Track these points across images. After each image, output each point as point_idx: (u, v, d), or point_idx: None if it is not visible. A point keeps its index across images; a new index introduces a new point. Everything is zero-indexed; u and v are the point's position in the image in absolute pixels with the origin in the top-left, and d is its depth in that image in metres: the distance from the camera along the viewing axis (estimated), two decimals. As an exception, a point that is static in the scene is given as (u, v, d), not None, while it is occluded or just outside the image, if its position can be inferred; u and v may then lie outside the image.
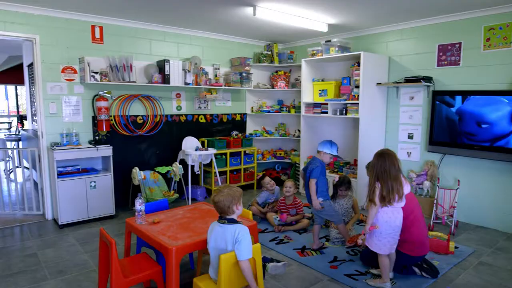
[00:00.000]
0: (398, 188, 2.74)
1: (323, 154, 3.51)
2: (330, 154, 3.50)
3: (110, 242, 2.24)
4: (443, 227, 4.16)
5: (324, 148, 3.51)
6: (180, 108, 5.42)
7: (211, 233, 2.31)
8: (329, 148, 3.50)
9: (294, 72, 6.25)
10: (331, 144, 3.52)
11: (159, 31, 5.06)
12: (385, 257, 2.83)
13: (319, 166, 3.45)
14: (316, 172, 3.43)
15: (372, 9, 4.13)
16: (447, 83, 4.42)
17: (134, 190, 4.81)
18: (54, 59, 4.28)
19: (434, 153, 4.56)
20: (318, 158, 3.53)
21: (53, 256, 3.41)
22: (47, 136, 4.32)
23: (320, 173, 3.45)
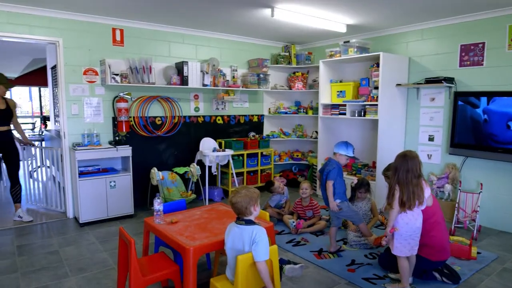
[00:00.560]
0: (419, 193, 2.68)
1: (339, 156, 3.48)
2: (346, 155, 3.46)
3: (129, 241, 2.27)
4: (465, 232, 4.06)
5: (339, 150, 3.47)
6: (198, 109, 5.46)
7: (228, 234, 2.31)
8: (345, 150, 3.46)
9: (312, 73, 6.21)
10: (346, 145, 3.48)
11: (177, 33, 5.12)
12: (405, 260, 2.77)
13: (336, 167, 3.41)
14: (332, 173, 3.39)
15: (392, 9, 4.07)
16: (470, 84, 4.31)
17: (152, 190, 4.88)
18: (76, 62, 4.39)
19: (455, 156, 4.45)
20: (334, 160, 3.49)
21: (74, 253, 3.49)
22: (69, 137, 4.42)
23: (337, 175, 3.41)
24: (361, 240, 3.64)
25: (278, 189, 4.53)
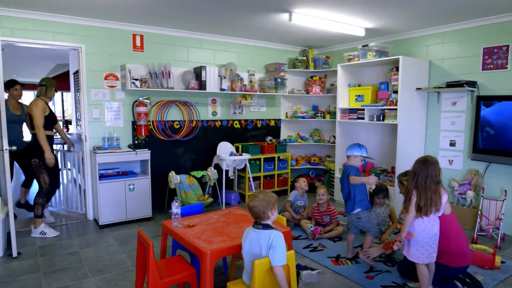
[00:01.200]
0: (436, 200, 2.63)
1: (354, 158, 3.38)
2: (360, 156, 3.37)
3: (148, 243, 2.30)
4: (488, 240, 3.93)
5: (353, 152, 3.38)
6: (215, 113, 5.50)
7: (245, 238, 2.31)
8: (359, 150, 3.37)
9: (330, 77, 6.18)
10: (359, 146, 3.40)
11: (196, 39, 5.18)
12: (424, 267, 2.71)
13: (353, 168, 3.36)
14: (353, 172, 3.34)
15: (412, 13, 4.02)
16: (493, 88, 4.20)
17: (170, 194, 4.93)
18: (98, 67, 4.49)
19: (478, 162, 4.33)
20: (348, 164, 3.43)
21: (94, 255, 3.55)
22: (90, 140, 4.52)
23: (356, 174, 3.35)
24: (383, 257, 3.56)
25: (303, 183, 4.50)
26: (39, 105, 3.96)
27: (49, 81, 4.17)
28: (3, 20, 3.92)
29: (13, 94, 4.40)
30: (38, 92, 4.12)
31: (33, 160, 3.99)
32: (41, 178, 4.00)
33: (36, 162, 3.99)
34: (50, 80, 4.20)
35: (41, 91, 4.09)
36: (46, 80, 4.15)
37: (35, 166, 3.99)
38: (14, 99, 4.42)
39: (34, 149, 3.98)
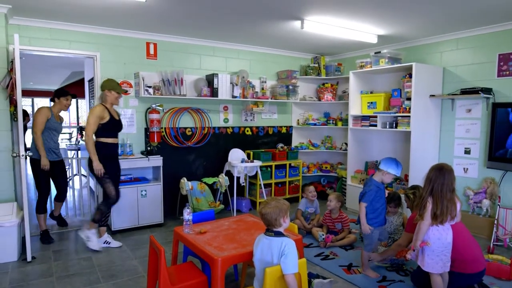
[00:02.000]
0: (452, 208, 2.60)
1: (386, 174, 3.12)
2: (394, 175, 3.13)
3: (159, 249, 2.31)
4: (505, 250, 3.84)
5: (389, 168, 3.10)
6: (227, 120, 5.53)
7: (257, 245, 2.30)
8: (395, 169, 3.10)
9: (341, 84, 6.16)
10: (397, 164, 3.13)
11: (208, 46, 5.23)
12: (438, 276, 2.67)
13: (373, 189, 3.14)
14: (368, 196, 3.14)
15: (425, 19, 3.99)
16: (509, 95, 4.13)
17: (181, 200, 4.95)
18: (112, 74, 4.57)
19: (494, 170, 4.24)
20: (374, 179, 3.19)
21: (106, 260, 3.58)
22: (103, 146, 4.58)
23: (373, 198, 3.15)
24: (391, 256, 3.52)
25: (309, 192, 4.47)
26: (95, 111, 3.70)
27: (107, 83, 3.84)
28: (22, 29, 4.03)
29: (62, 104, 4.23)
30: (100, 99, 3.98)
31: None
32: (106, 188, 3.81)
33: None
34: (107, 81, 3.86)
35: (101, 96, 3.91)
36: (104, 82, 3.86)
37: (99, 176, 3.79)
38: (61, 109, 4.27)
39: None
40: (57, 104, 4.22)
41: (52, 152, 4.16)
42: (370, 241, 3.25)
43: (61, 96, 4.23)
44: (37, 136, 3.96)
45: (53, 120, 4.11)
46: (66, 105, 4.28)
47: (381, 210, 3.23)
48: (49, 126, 4.09)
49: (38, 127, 3.99)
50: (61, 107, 4.26)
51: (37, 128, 3.98)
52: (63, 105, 4.26)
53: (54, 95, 4.24)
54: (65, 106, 4.28)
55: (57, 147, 4.28)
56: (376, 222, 3.21)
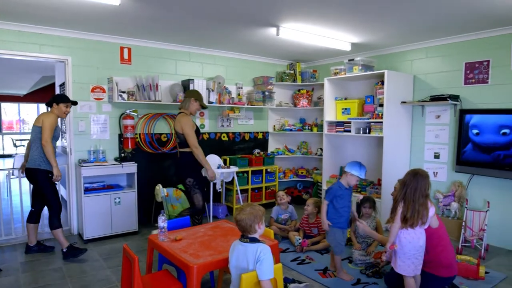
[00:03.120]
0: (423, 213, 2.67)
1: (350, 176, 3.25)
2: (357, 177, 3.25)
3: (133, 258, 2.26)
4: (472, 251, 3.99)
5: (352, 170, 3.24)
6: (203, 126, 5.50)
7: (232, 251, 2.29)
8: (358, 171, 3.23)
9: (317, 90, 6.26)
10: (360, 166, 3.26)
11: (184, 52, 5.21)
12: (411, 279, 2.73)
13: (334, 187, 3.29)
14: (328, 194, 3.28)
15: (397, 28, 4.13)
16: (475, 102, 4.31)
17: (157, 207, 4.87)
18: (84, 79, 4.47)
19: (462, 174, 4.41)
20: (340, 181, 3.32)
21: (78, 271, 3.47)
22: (75, 153, 4.46)
23: (333, 196, 3.26)
24: (366, 259, 3.59)
25: (278, 197, 4.53)
26: (189, 122, 3.81)
27: (195, 92, 3.97)
28: (-12, 31, 3.89)
29: (61, 110, 3.78)
30: (181, 104, 4.00)
31: (188, 180, 3.87)
32: (194, 198, 3.88)
33: (191, 182, 3.87)
34: (196, 91, 4.00)
35: (184, 103, 3.95)
36: (188, 92, 4.01)
37: (190, 185, 3.87)
38: (59, 116, 3.80)
39: (187, 168, 3.90)
40: (55, 110, 3.77)
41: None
42: (336, 243, 3.30)
43: (61, 102, 3.77)
44: (49, 144, 3.59)
45: (58, 128, 3.80)
46: (65, 112, 3.82)
47: (343, 212, 3.28)
48: (55, 135, 3.72)
49: (49, 135, 3.61)
50: (60, 114, 3.78)
51: (48, 136, 3.59)
52: (62, 112, 3.79)
53: (52, 100, 3.79)
54: (64, 114, 3.82)
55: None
56: (338, 223, 3.28)
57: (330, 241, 3.36)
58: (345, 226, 3.34)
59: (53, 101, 3.79)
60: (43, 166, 3.66)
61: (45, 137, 3.60)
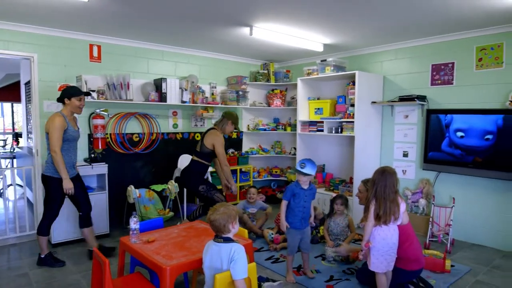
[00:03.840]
0: (394, 209, 2.74)
1: (299, 173, 3.18)
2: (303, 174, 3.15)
3: (103, 261, 2.20)
4: (439, 245, 4.14)
5: (297, 167, 3.21)
6: (176, 126, 5.43)
7: (206, 252, 2.28)
8: (298, 168, 3.18)
9: (290, 90, 6.32)
10: (301, 162, 3.18)
11: (156, 50, 5.12)
12: (383, 275, 2.81)
13: (289, 187, 3.26)
14: (285, 193, 3.26)
15: (366, 30, 4.23)
16: (441, 102, 4.49)
17: (129, 209, 4.77)
18: (51, 77, 4.31)
19: (429, 171, 4.58)
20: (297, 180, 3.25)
21: (45, 276, 3.35)
22: (42, 154, 4.30)
23: (291, 195, 3.22)
24: (339, 256, 3.66)
25: (248, 194, 4.60)
26: (221, 139, 4.05)
27: (230, 115, 4.17)
28: None
29: (74, 105, 3.48)
30: (217, 122, 4.22)
31: (201, 187, 4.01)
32: (216, 198, 3.97)
33: (204, 188, 4.02)
34: (231, 114, 4.19)
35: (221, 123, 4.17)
36: (227, 113, 4.19)
37: (205, 191, 4.01)
38: (74, 111, 3.55)
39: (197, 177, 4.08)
40: (68, 106, 3.48)
41: (73, 167, 3.59)
42: (289, 243, 3.32)
43: (72, 96, 3.46)
44: (57, 155, 3.30)
45: (71, 130, 3.44)
46: (79, 106, 3.52)
47: (298, 212, 3.23)
48: (68, 137, 3.42)
49: (56, 143, 3.30)
50: (74, 109, 3.51)
51: (55, 144, 3.29)
52: (76, 106, 3.50)
53: (62, 94, 3.48)
54: (78, 108, 3.53)
55: (76, 160, 3.70)
56: (292, 223, 3.26)
57: (288, 242, 3.35)
58: (299, 227, 3.26)
59: (64, 96, 3.48)
60: (52, 172, 3.42)
61: (52, 146, 3.31)
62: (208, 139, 4.04)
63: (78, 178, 3.71)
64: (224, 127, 4.15)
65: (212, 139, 4.02)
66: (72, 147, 3.53)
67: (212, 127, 4.19)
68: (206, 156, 4.08)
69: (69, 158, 3.49)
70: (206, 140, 4.04)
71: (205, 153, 4.06)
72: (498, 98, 4.01)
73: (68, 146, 3.47)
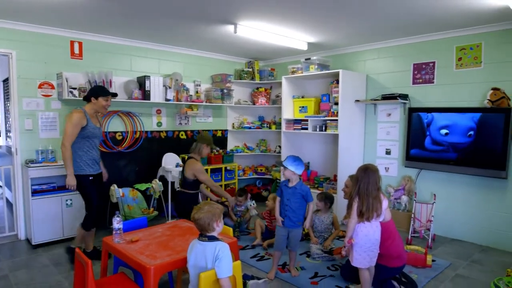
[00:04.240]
0: (377, 206, 2.79)
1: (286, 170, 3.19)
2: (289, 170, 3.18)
3: (86, 262, 2.17)
4: (420, 241, 4.23)
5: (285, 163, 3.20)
6: (160, 124, 5.38)
7: (191, 251, 2.27)
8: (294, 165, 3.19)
9: (275, 89, 6.33)
10: (294, 160, 3.20)
11: (140, 47, 5.06)
12: (366, 271, 2.85)
13: (280, 185, 3.33)
14: (277, 190, 3.36)
15: (350, 29, 4.27)
16: (422, 100, 4.57)
17: (112, 208, 4.70)
18: (31, 75, 4.21)
19: (411, 168, 4.67)
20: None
21: (25, 278, 3.28)
22: (21, 153, 4.20)
23: (279, 191, 3.31)
24: (324, 253, 3.70)
25: (238, 198, 4.61)
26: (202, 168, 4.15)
27: (203, 139, 4.22)
28: None
29: (100, 105, 3.50)
30: (192, 149, 4.25)
31: None
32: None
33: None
34: (203, 137, 4.24)
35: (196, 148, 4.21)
36: (200, 138, 4.26)
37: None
38: (98, 111, 3.57)
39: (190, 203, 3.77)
40: (93, 104, 3.49)
41: (96, 163, 3.59)
42: (275, 238, 3.34)
43: (100, 95, 3.48)
44: (67, 149, 3.30)
45: (91, 127, 3.44)
46: (105, 106, 3.55)
47: (281, 209, 3.26)
48: (88, 134, 3.42)
49: (68, 138, 3.31)
50: (99, 108, 3.53)
51: (66, 140, 3.30)
52: (101, 106, 3.52)
53: (89, 93, 3.51)
54: (103, 108, 3.56)
55: (99, 156, 3.69)
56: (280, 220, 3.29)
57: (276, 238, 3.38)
58: (285, 224, 3.24)
59: (91, 95, 3.48)
60: (80, 171, 3.44)
61: (63, 139, 3.33)
62: (188, 170, 4.10)
63: (101, 175, 3.73)
64: (201, 151, 4.21)
65: (191, 169, 4.08)
66: (94, 144, 3.55)
67: (189, 156, 4.23)
68: (191, 185, 4.15)
69: (91, 156, 3.51)
70: (187, 171, 4.11)
71: (189, 183, 4.14)
72: (477, 96, 4.12)
73: (90, 143, 3.48)
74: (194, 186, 4.17)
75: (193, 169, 4.08)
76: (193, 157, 4.19)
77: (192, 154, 4.23)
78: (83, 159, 3.46)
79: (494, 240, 4.09)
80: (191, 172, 4.08)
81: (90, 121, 3.44)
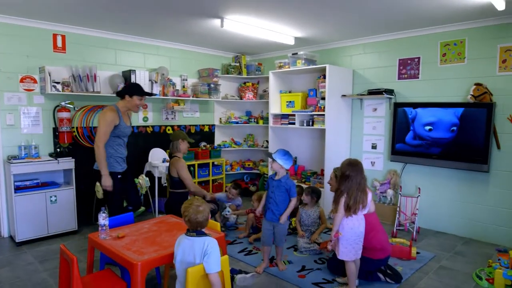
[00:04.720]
0: (363, 198, 2.83)
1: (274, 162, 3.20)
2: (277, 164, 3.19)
3: (71, 259, 2.14)
4: (405, 234, 4.31)
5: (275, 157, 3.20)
6: (146, 119, 5.32)
7: (178, 246, 2.26)
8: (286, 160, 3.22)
9: (262, 83, 6.32)
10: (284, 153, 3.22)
11: (125, 41, 4.98)
12: (352, 263, 2.90)
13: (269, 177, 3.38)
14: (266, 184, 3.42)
15: (336, 24, 4.28)
16: (407, 95, 4.63)
17: (98, 204, 4.64)
18: (12, 68, 4.10)
19: (396, 163, 4.73)
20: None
21: (9, 276, 3.22)
22: (3, 149, 4.10)
23: (266, 184, 3.36)
24: (311, 247, 3.73)
25: (230, 191, 4.61)
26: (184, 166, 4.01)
27: (175, 135, 4.12)
28: None
29: (133, 103, 3.45)
30: (171, 149, 4.13)
31: None
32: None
33: None
34: (175, 134, 4.15)
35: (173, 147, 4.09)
36: (172, 135, 4.14)
37: None
38: (130, 109, 3.53)
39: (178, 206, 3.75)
40: (126, 102, 3.43)
41: (124, 161, 3.57)
42: (264, 232, 3.34)
43: (135, 94, 3.40)
44: (100, 149, 3.26)
45: (123, 126, 3.41)
46: (138, 105, 3.48)
47: (266, 202, 3.29)
48: (119, 133, 3.39)
49: (101, 138, 3.27)
50: (132, 107, 3.47)
51: (99, 139, 3.27)
52: (134, 105, 3.46)
53: (124, 90, 3.44)
54: (136, 107, 3.49)
55: (126, 154, 3.66)
56: (265, 212, 3.33)
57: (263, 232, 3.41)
58: (267, 217, 3.28)
59: (125, 92, 3.43)
60: (112, 168, 3.42)
61: (96, 139, 3.29)
62: (172, 169, 4.03)
63: (128, 172, 3.71)
64: (179, 148, 4.11)
65: (174, 167, 4.01)
66: (123, 142, 3.54)
67: (173, 156, 4.14)
68: (178, 185, 4.06)
69: (120, 153, 3.51)
70: (172, 170, 4.04)
71: (177, 181, 4.04)
72: (461, 92, 4.19)
73: (120, 141, 3.48)
74: (182, 185, 4.13)
75: (175, 165, 4.02)
76: (176, 155, 4.14)
77: (175, 154, 4.17)
78: (113, 156, 3.44)
79: (476, 232, 4.20)
80: (174, 169, 4.03)
81: (122, 120, 3.41)
